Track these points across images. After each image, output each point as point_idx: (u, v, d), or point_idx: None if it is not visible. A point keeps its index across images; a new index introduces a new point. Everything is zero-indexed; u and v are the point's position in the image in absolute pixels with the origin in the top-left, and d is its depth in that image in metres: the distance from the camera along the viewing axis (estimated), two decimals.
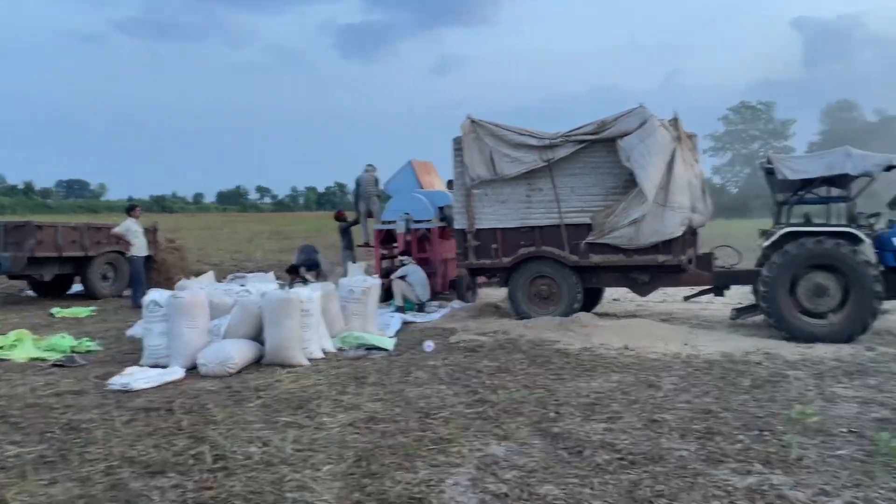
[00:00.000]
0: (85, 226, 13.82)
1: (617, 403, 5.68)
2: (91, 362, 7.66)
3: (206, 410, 5.60)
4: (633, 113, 9.14)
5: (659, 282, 9.80)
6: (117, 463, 4.45)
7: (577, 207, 9.57)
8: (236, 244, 27.50)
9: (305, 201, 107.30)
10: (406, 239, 12.30)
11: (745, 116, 76.26)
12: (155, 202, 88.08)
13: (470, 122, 9.93)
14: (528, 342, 8.24)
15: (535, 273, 9.88)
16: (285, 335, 7.25)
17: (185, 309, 7.35)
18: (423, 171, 13.51)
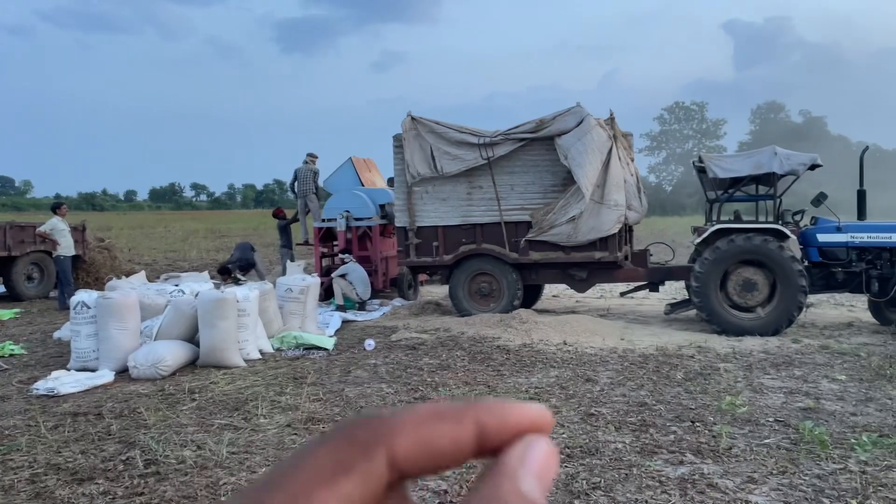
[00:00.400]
0: (8, 225, 13.19)
1: (555, 398, 5.76)
2: (14, 366, 7.32)
3: (137, 414, 5.43)
4: (571, 112, 9.28)
5: (596, 278, 9.98)
6: (42, 470, 4.27)
7: (517, 205, 9.67)
8: (170, 243, 26.75)
9: (243, 199, 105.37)
10: (346, 237, 12.19)
11: (679, 116, 78.54)
12: (84, 200, 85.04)
13: (410, 120, 9.91)
14: (468, 339, 8.27)
15: (476, 270, 9.93)
16: (220, 336, 7.09)
17: (115, 310, 7.10)
18: (364, 169, 13.41)
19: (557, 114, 9.37)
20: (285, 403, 5.68)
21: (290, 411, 5.45)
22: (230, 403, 5.71)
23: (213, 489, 3.95)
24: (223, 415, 5.41)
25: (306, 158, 13.42)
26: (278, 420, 5.24)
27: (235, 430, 5.03)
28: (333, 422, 5.16)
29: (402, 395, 5.92)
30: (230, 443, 4.71)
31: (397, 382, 6.38)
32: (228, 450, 4.57)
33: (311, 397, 5.86)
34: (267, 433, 4.95)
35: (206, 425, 5.15)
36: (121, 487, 3.99)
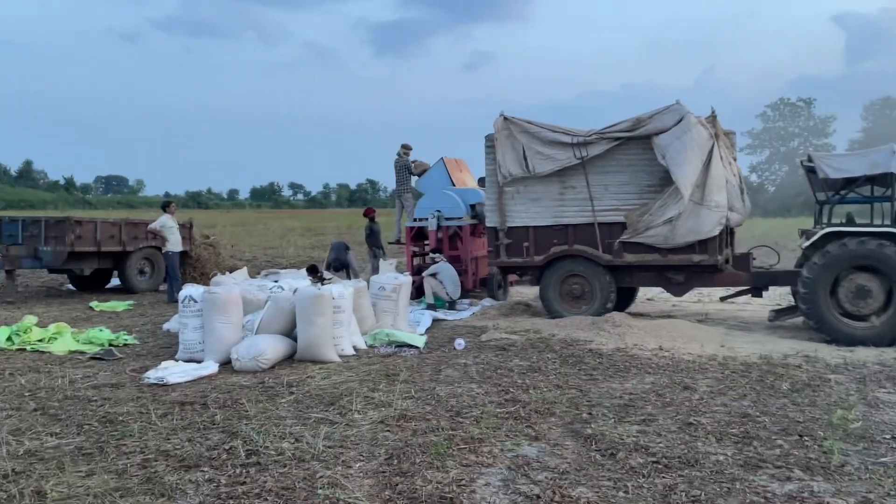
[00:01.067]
0: (123, 221, 14.06)
1: (651, 405, 5.59)
2: (128, 356, 7.78)
3: (239, 405, 5.65)
4: (670, 110, 9.00)
5: (694, 282, 9.64)
6: (153, 456, 4.51)
7: (611, 206, 9.46)
8: (269, 240, 27.78)
9: (337, 198, 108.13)
10: (437, 236, 12.28)
11: (784, 113, 74.74)
12: (191, 198, 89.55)
13: (503, 120, 9.88)
14: (559, 341, 8.17)
15: (568, 272, 9.79)
16: (317, 332, 7.29)
17: (219, 304, 7.43)
18: (455, 169, 13.46)
19: (655, 112, 9.10)
20: (378, 400, 5.78)
21: (383, 408, 5.54)
22: (326, 398, 5.86)
23: (310, 482, 4.06)
24: (319, 409, 5.56)
25: (400, 150, 13.46)
26: (372, 416, 5.33)
27: (331, 424, 5.15)
28: (425, 420, 5.21)
29: (492, 396, 5.90)
30: (326, 436, 4.83)
31: (487, 383, 6.36)
32: (325, 443, 4.69)
33: (404, 395, 5.93)
34: (361, 428, 5.04)
35: (303, 418, 5.30)
36: (224, 476, 4.16)
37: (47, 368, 7.15)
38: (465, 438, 4.79)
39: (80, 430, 5.07)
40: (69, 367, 7.19)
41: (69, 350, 7.99)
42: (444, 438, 4.78)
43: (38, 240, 12.77)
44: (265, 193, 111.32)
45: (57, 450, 4.66)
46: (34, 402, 5.86)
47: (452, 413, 5.41)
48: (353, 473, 4.20)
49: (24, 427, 5.14)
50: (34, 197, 78.55)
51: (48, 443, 4.81)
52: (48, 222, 13.02)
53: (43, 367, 7.24)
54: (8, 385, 6.43)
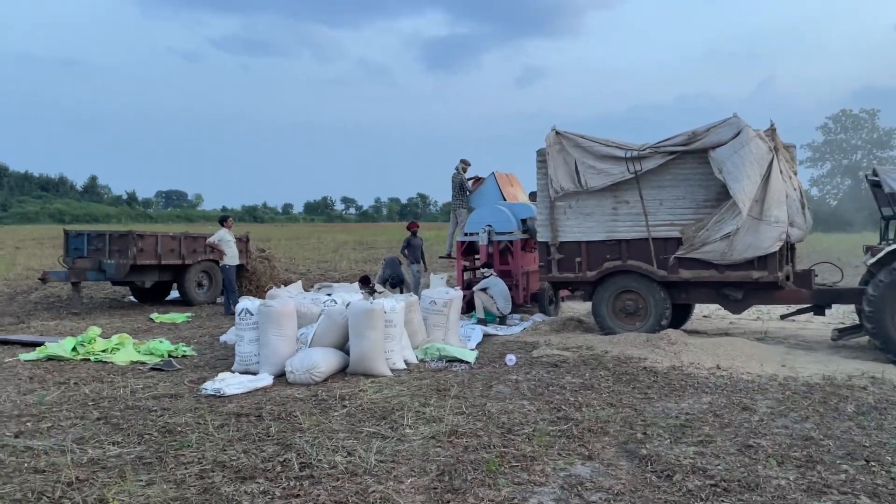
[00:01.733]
0: (182, 235, 14.47)
1: (709, 426, 5.45)
2: (186, 367, 7.98)
3: (293, 417, 5.73)
4: (727, 123, 8.82)
5: (753, 299, 9.38)
6: (210, 467, 4.60)
7: (666, 220, 9.30)
8: (322, 254, 28.17)
9: (388, 212, 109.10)
10: (488, 251, 12.27)
11: (846, 125, 72.31)
12: (247, 212, 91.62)
13: (555, 134, 9.83)
14: (613, 359, 8.04)
15: (621, 287, 9.65)
16: (369, 346, 7.35)
17: (275, 318, 7.56)
18: (506, 183, 13.45)
19: (712, 125, 8.93)
20: (429, 415, 5.78)
21: (435, 423, 5.53)
22: (378, 412, 5.89)
23: (362, 496, 4.08)
24: (371, 423, 5.59)
25: (458, 165, 13.49)
26: (423, 431, 5.33)
27: (383, 438, 5.17)
28: (476, 436, 5.19)
29: (544, 414, 5.84)
30: (378, 451, 4.85)
31: (539, 400, 6.30)
32: (377, 457, 4.71)
33: (455, 410, 5.92)
34: (413, 443, 5.05)
35: (355, 432, 5.34)
36: (278, 488, 4.22)
37: (110, 378, 7.38)
38: (516, 456, 4.75)
39: (141, 440, 5.21)
40: (131, 378, 7.41)
41: (131, 360, 8.23)
42: (495, 456, 4.75)
43: (103, 253, 13.23)
44: (318, 207, 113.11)
45: (118, 458, 4.79)
46: (97, 411, 6.05)
47: (504, 430, 5.37)
48: (405, 489, 4.20)
49: (88, 435, 5.31)
50: (98, 211, 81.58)
51: (110, 451, 4.95)
52: (112, 236, 13.49)
53: (106, 376, 7.48)
54: (73, 394, 6.67)
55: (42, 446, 5.03)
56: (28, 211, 77.31)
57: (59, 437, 5.28)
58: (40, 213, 75.50)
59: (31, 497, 4.08)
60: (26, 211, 77.31)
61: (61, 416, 5.86)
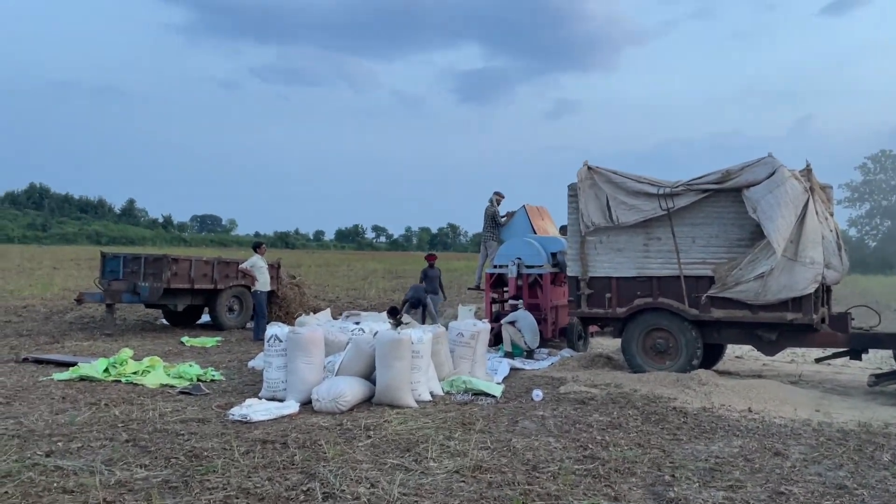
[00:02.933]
0: (216, 260, 14.69)
1: (739, 471, 5.32)
2: (214, 391, 8.05)
3: (317, 446, 5.73)
4: (762, 162, 8.76)
5: (787, 341, 9.20)
6: (234, 493, 4.62)
7: (699, 258, 9.21)
8: (352, 281, 28.36)
9: (419, 241, 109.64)
10: (517, 284, 12.24)
11: (886, 165, 71.07)
12: (279, 238, 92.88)
13: (586, 169, 9.85)
14: (642, 397, 7.92)
15: (652, 325, 9.54)
16: (395, 376, 7.35)
17: (303, 345, 7.61)
18: (537, 216, 13.47)
19: (746, 164, 8.87)
20: (454, 449, 5.74)
21: (459, 457, 5.49)
22: (402, 444, 5.87)
23: None
24: (395, 454, 5.57)
25: (492, 197, 13.59)
26: (447, 465, 5.30)
27: (406, 471, 5.15)
28: (501, 472, 5.14)
29: (570, 452, 5.76)
30: (401, 483, 4.83)
31: (565, 437, 6.23)
32: (400, 490, 4.68)
33: (479, 445, 5.88)
34: (436, 477, 5.01)
35: (379, 463, 5.32)
36: None
37: (140, 400, 7.48)
38: (541, 494, 4.69)
39: (168, 463, 5.25)
40: (160, 400, 7.50)
41: (161, 383, 8.33)
42: (519, 493, 4.69)
43: (138, 276, 13.48)
44: (350, 235, 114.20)
45: (145, 481, 4.84)
46: (126, 433, 6.12)
47: (529, 467, 5.32)
48: None
49: (117, 457, 5.37)
50: (135, 234, 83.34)
51: (138, 474, 5.00)
52: (147, 259, 13.74)
53: (136, 398, 7.57)
54: (103, 415, 6.76)
55: (72, 466, 5.10)
56: (67, 232, 79.31)
57: (89, 457, 5.35)
58: (79, 235, 77.40)
59: None
60: (65, 232, 79.30)
61: (91, 437, 5.94)
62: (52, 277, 25.84)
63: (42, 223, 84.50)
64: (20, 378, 8.53)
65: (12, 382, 8.24)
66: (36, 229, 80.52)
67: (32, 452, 5.42)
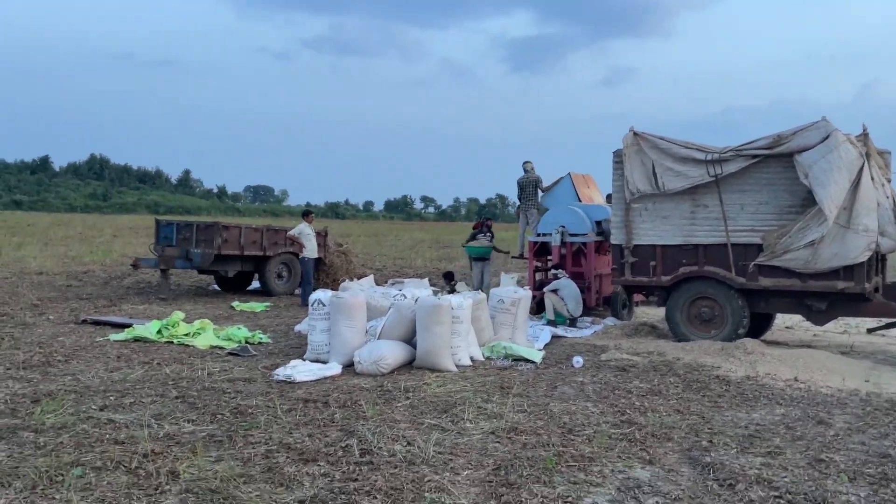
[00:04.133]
0: (265, 228, 14.98)
1: (779, 438, 5.26)
2: (261, 353, 8.28)
3: (357, 406, 5.87)
4: (815, 126, 8.45)
5: (838, 310, 8.95)
6: (275, 448, 4.78)
7: (747, 226, 8.99)
8: (399, 251, 28.59)
9: (467, 212, 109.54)
10: (561, 252, 12.16)
11: None
12: (329, 208, 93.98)
13: (632, 135, 9.66)
14: (684, 365, 7.84)
15: (697, 294, 9.39)
16: (435, 341, 7.44)
17: (345, 309, 7.76)
18: (582, 184, 13.30)
19: (798, 129, 8.57)
20: (491, 411, 5.81)
21: (495, 419, 5.56)
22: (440, 405, 5.97)
23: (418, 484, 4.15)
24: (433, 415, 5.67)
25: (527, 167, 13.53)
26: (483, 426, 5.37)
27: (443, 431, 5.24)
28: (536, 434, 5.19)
29: (607, 417, 5.77)
30: (437, 443, 4.92)
31: (603, 403, 6.23)
32: (435, 449, 4.78)
33: (516, 408, 5.93)
34: (472, 438, 5.09)
35: (416, 423, 5.43)
36: (339, 472, 4.35)
37: (190, 360, 7.75)
38: (575, 456, 4.73)
39: (214, 419, 5.46)
40: (209, 361, 7.76)
41: (210, 345, 8.61)
42: (553, 454, 4.73)
43: (190, 242, 13.86)
44: (398, 206, 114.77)
45: (192, 435, 5.05)
46: (176, 390, 6.37)
47: (564, 430, 5.35)
48: (461, 480, 4.25)
49: (166, 412, 5.61)
50: (191, 204, 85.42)
51: (185, 428, 5.22)
52: (199, 227, 14.10)
53: (186, 359, 7.85)
54: (155, 374, 7.04)
55: (123, 420, 5.35)
56: (126, 202, 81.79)
57: (140, 412, 5.60)
58: (137, 204, 79.74)
59: (109, 465, 4.35)
60: (125, 201, 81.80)
61: (143, 394, 6.21)
62: (111, 244, 26.78)
63: (103, 193, 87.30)
64: (79, 338, 8.92)
65: (71, 342, 8.63)
66: (97, 199, 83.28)
67: (87, 406, 5.70)
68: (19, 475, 4.15)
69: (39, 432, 5.01)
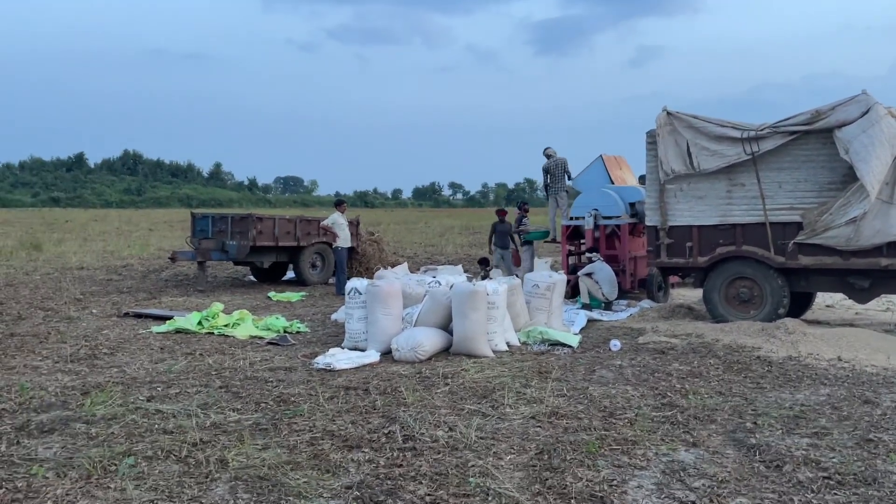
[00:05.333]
0: (298, 218, 15.12)
1: (825, 418, 5.19)
2: (300, 342, 8.39)
3: (398, 393, 5.92)
4: (855, 100, 8.25)
5: (881, 288, 8.77)
6: (320, 435, 4.85)
7: (786, 204, 8.84)
8: (429, 238, 28.65)
9: (495, 197, 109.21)
10: (594, 235, 12.08)
11: None
12: (358, 198, 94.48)
13: (666, 114, 9.53)
14: (724, 347, 7.76)
15: (735, 274, 9.27)
16: (472, 326, 7.45)
17: (382, 297, 7.81)
18: (614, 166, 13.18)
19: (837, 103, 8.38)
20: (530, 396, 5.82)
21: (535, 404, 5.57)
22: (479, 391, 5.99)
23: (462, 469, 4.19)
24: (473, 401, 5.69)
25: (550, 152, 13.43)
26: (523, 411, 5.38)
27: (484, 416, 5.27)
28: (577, 418, 5.19)
29: (648, 399, 5.75)
30: (478, 428, 4.94)
31: (643, 386, 6.20)
32: (477, 434, 4.80)
33: (556, 392, 5.93)
34: (513, 422, 5.11)
35: (457, 409, 5.46)
36: (383, 458, 4.40)
37: (231, 351, 7.88)
38: (617, 439, 4.72)
39: (258, 408, 5.56)
40: (249, 351, 7.88)
41: (250, 335, 8.74)
42: (595, 438, 4.73)
43: (226, 234, 14.05)
44: (427, 193, 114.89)
45: (238, 424, 5.14)
46: (219, 380, 6.49)
47: (605, 413, 5.34)
48: (504, 465, 4.28)
49: (211, 402, 5.72)
50: (222, 196, 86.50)
51: (230, 417, 5.31)
52: (234, 219, 14.28)
53: (227, 349, 7.99)
54: (198, 364, 7.18)
55: (170, 410, 5.47)
56: (160, 196, 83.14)
57: (186, 402, 5.72)
58: (171, 198, 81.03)
59: (160, 455, 4.46)
60: (158, 196, 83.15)
61: (188, 384, 6.33)
62: (147, 238, 27.27)
63: (137, 188, 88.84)
64: (122, 331, 9.12)
65: (115, 335, 8.82)
66: (132, 194, 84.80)
67: (135, 398, 5.83)
68: (74, 465, 4.28)
69: (91, 423, 5.14)
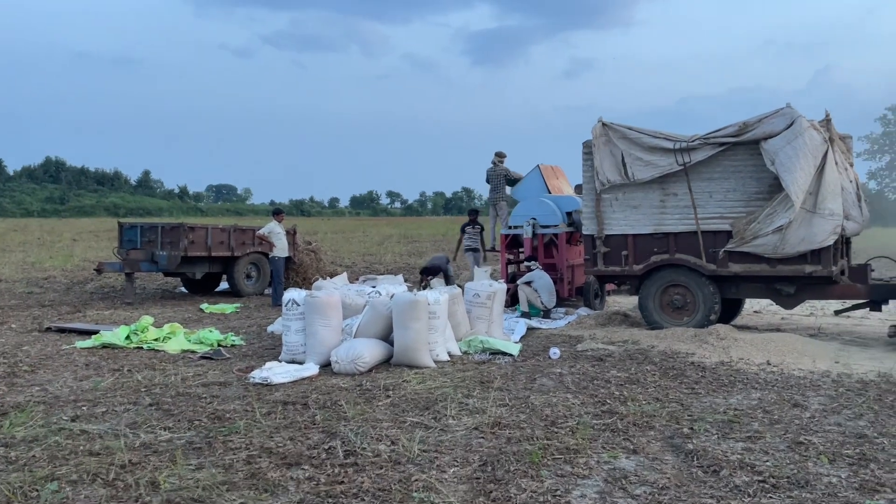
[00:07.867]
0: (232, 228, 14.75)
1: (758, 422, 5.33)
2: (235, 356, 8.14)
3: (338, 406, 5.80)
4: (780, 113, 8.59)
5: (806, 294, 9.14)
6: (257, 453, 4.69)
7: (716, 213, 9.11)
8: (368, 247, 28.42)
9: (433, 206, 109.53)
10: (532, 244, 12.20)
11: None
12: (294, 206, 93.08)
13: (601, 125, 9.71)
14: (659, 353, 7.93)
15: (669, 281, 9.50)
16: (413, 337, 7.39)
17: (321, 308, 7.66)
18: (552, 176, 13.34)
19: (764, 116, 8.71)
20: (472, 406, 5.79)
21: (478, 414, 5.54)
22: (421, 402, 5.93)
23: (405, 484, 4.11)
24: (415, 413, 5.62)
25: (494, 159, 13.46)
26: (466, 422, 5.35)
27: (426, 428, 5.20)
28: (519, 428, 5.18)
29: (588, 407, 5.79)
30: (421, 440, 4.88)
31: (583, 393, 6.25)
32: (420, 447, 4.73)
33: (498, 402, 5.92)
34: (455, 434, 5.07)
35: (399, 422, 5.38)
36: (323, 475, 4.28)
37: (161, 366, 7.58)
38: (560, 449, 4.73)
39: (191, 426, 5.34)
40: (181, 366, 7.60)
41: (182, 349, 8.44)
42: (538, 447, 4.73)
43: (155, 245, 13.58)
44: (364, 201, 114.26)
45: (169, 443, 4.93)
46: (150, 397, 6.22)
47: (547, 422, 5.35)
48: (448, 478, 4.22)
49: (141, 420, 5.47)
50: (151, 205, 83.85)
51: (162, 436, 5.09)
52: (164, 228, 13.82)
53: (158, 364, 7.68)
54: (126, 381, 6.87)
55: (97, 430, 5.20)
56: (84, 204, 79.93)
57: (114, 421, 5.45)
58: (96, 207, 78.01)
59: (86, 478, 4.22)
60: (83, 204, 79.93)
61: (115, 402, 6.05)
62: (71, 249, 26.12)
63: (60, 196, 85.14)
64: (44, 347, 8.67)
65: (36, 351, 8.38)
66: (54, 202, 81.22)
67: (58, 418, 5.53)
68: None
69: (10, 446, 4.84)
